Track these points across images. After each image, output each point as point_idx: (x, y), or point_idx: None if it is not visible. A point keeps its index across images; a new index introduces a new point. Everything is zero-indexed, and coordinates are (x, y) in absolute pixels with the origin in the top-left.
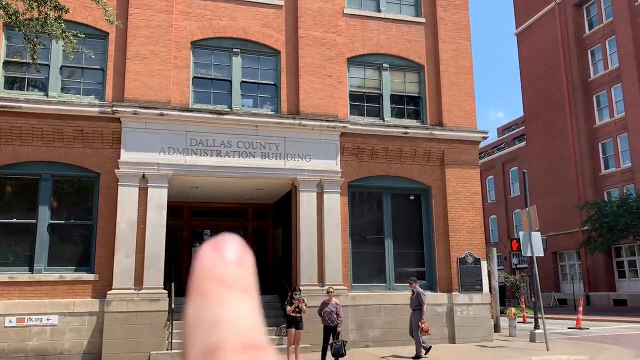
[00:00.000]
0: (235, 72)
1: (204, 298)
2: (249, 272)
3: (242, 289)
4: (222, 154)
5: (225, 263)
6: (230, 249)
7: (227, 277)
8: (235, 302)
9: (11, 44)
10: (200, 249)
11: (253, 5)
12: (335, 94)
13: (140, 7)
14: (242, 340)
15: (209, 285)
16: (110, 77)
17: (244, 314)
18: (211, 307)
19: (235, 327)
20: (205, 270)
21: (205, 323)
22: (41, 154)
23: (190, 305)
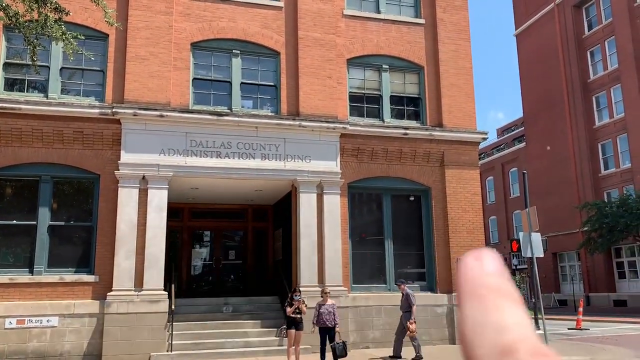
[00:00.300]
0: (235, 73)
1: (482, 302)
2: (510, 284)
3: (512, 298)
4: (222, 156)
5: (489, 274)
6: (492, 262)
7: (498, 286)
8: (512, 310)
9: (11, 45)
10: (464, 259)
11: (253, 7)
12: (335, 95)
13: (140, 8)
14: (533, 346)
15: (483, 291)
16: (110, 79)
17: (522, 322)
18: (492, 312)
19: (522, 332)
20: (476, 278)
21: (490, 325)
22: (41, 155)
23: (469, 308)
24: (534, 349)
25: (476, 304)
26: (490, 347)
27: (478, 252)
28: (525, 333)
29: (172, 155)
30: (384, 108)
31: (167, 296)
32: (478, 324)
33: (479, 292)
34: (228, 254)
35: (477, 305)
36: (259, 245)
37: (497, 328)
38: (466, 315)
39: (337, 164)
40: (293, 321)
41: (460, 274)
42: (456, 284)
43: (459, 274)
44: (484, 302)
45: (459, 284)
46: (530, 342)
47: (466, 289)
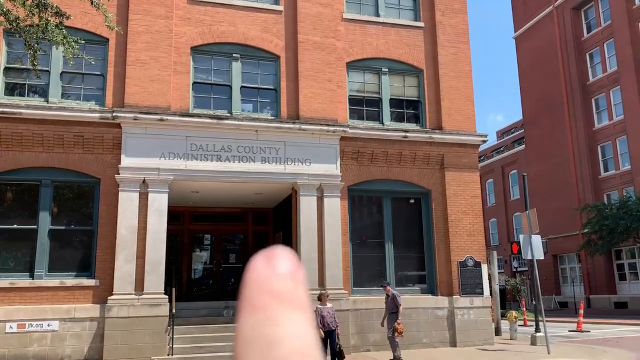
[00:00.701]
0: (235, 77)
1: (259, 313)
2: (302, 288)
3: (297, 306)
4: (222, 159)
5: (278, 277)
6: (283, 263)
7: (281, 292)
8: (291, 320)
9: (12, 50)
10: (252, 260)
11: (252, 11)
12: (334, 99)
13: (140, 13)
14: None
15: (263, 299)
16: (110, 83)
17: (301, 333)
18: (267, 324)
19: (294, 348)
20: (258, 284)
21: (262, 341)
22: (42, 159)
23: (244, 320)
24: None
25: (252, 315)
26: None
27: (269, 252)
28: (300, 348)
29: (172, 158)
30: (383, 111)
31: (168, 300)
32: (249, 339)
33: (259, 301)
34: (228, 257)
35: (253, 317)
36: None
37: (268, 344)
38: (239, 328)
39: (337, 167)
40: None
41: (246, 278)
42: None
43: (244, 277)
44: (261, 313)
45: (242, 290)
46: (303, 354)
47: (246, 296)
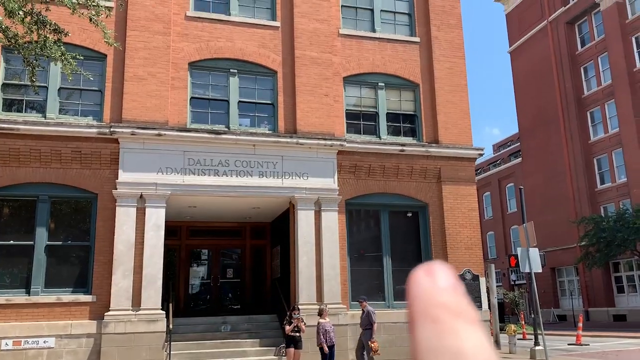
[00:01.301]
0: (233, 92)
1: (436, 325)
2: (467, 301)
3: (471, 319)
4: (219, 174)
5: (444, 290)
6: (445, 276)
7: (453, 305)
8: (469, 333)
9: (10, 66)
10: (414, 274)
11: (250, 27)
12: (332, 113)
13: (138, 29)
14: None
15: (437, 312)
16: (108, 99)
17: (483, 346)
18: (449, 336)
19: (481, 358)
20: (427, 297)
21: (446, 353)
22: (39, 175)
23: (423, 331)
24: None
25: (430, 327)
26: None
27: (429, 266)
28: (485, 357)
29: (169, 173)
30: (380, 125)
31: (165, 315)
32: (432, 349)
33: (433, 313)
34: (226, 272)
35: (431, 328)
36: (257, 263)
37: (454, 354)
38: (419, 339)
39: (335, 180)
40: (292, 340)
41: (410, 292)
42: (407, 303)
43: (409, 291)
44: (439, 325)
45: (410, 303)
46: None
47: (418, 309)
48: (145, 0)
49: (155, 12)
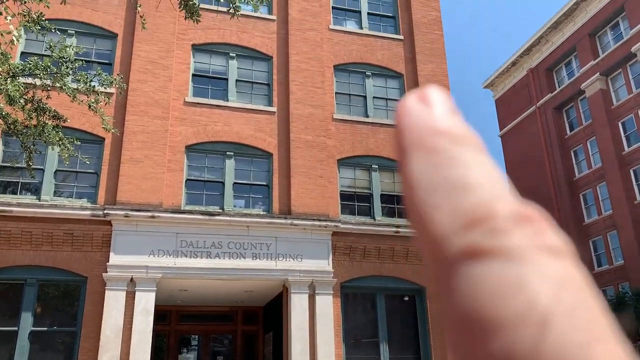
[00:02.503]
0: (228, 174)
1: (433, 155)
2: (467, 125)
3: (475, 145)
4: (212, 256)
5: (443, 116)
6: (442, 101)
7: (454, 131)
8: (475, 161)
9: (8, 149)
10: (403, 102)
11: (247, 112)
12: (326, 194)
13: (137, 114)
14: (511, 207)
15: (434, 140)
16: (103, 181)
17: (493, 175)
18: (450, 166)
19: (493, 190)
20: (422, 124)
21: (448, 186)
22: (28, 258)
23: (416, 163)
24: (513, 212)
25: (426, 157)
26: (452, 215)
27: (422, 91)
28: (499, 191)
29: (161, 256)
30: (374, 206)
31: None
32: (430, 184)
33: (429, 142)
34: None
35: (427, 159)
36: (249, 350)
37: (459, 187)
38: (412, 173)
39: (329, 262)
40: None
41: (400, 122)
42: (395, 136)
43: (398, 122)
44: (437, 154)
45: (399, 136)
46: (507, 201)
47: (411, 139)
48: (146, 87)
49: (154, 97)
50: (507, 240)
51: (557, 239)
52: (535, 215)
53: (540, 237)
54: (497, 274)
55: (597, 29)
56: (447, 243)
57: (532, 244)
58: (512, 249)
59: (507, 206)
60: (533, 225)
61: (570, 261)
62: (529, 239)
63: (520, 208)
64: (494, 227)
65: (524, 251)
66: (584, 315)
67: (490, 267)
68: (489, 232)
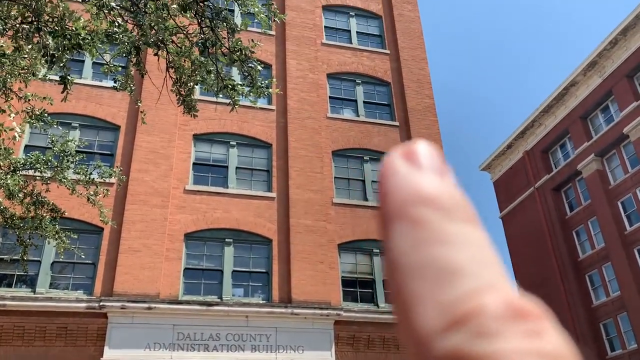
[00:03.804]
0: (227, 261)
1: (418, 228)
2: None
3: (466, 218)
4: (209, 348)
5: (431, 179)
6: (430, 160)
7: (441, 198)
8: (465, 238)
9: (5, 241)
10: (388, 161)
11: (246, 198)
12: (327, 280)
13: (137, 203)
14: (505, 299)
15: (419, 210)
16: (101, 271)
17: (484, 256)
18: (434, 244)
19: (482, 277)
20: (406, 188)
21: (433, 268)
22: (19, 355)
23: (397, 239)
24: (505, 306)
25: (409, 231)
26: (437, 309)
27: (408, 147)
28: (491, 280)
29: (157, 349)
30: (377, 292)
31: None
32: (415, 265)
33: (413, 212)
34: None
35: (411, 233)
36: None
37: (446, 272)
38: (395, 249)
39: (332, 354)
40: None
41: (382, 184)
42: (378, 199)
43: (382, 181)
44: (422, 228)
45: (381, 201)
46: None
47: (392, 208)
48: (146, 176)
49: (155, 186)
50: (496, 345)
51: (558, 342)
52: (532, 309)
53: (537, 339)
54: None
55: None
56: (430, 344)
57: (526, 350)
58: (500, 356)
59: (498, 298)
60: (529, 323)
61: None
62: (523, 342)
63: (514, 300)
64: (481, 327)
65: (515, 358)
66: None
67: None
68: (475, 334)
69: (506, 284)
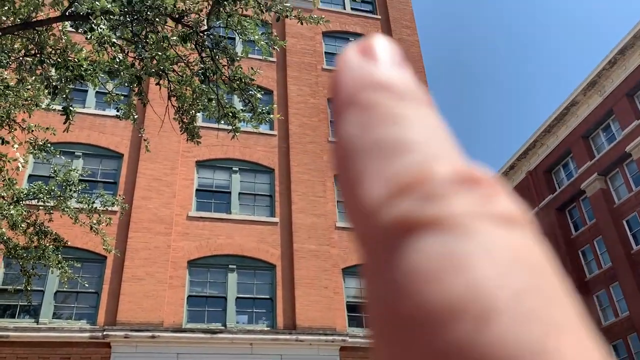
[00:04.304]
0: (231, 288)
1: (367, 111)
2: (413, 77)
3: (420, 101)
4: None
5: (384, 66)
6: (386, 50)
7: (393, 82)
8: (417, 117)
9: (9, 271)
10: (343, 55)
11: (249, 224)
12: (332, 306)
13: (141, 230)
14: (453, 168)
15: (370, 95)
16: (104, 300)
17: (436, 132)
18: (383, 124)
19: (431, 149)
20: (359, 77)
21: (381, 145)
22: None
23: (346, 123)
24: (455, 173)
25: (359, 115)
26: (383, 181)
27: (365, 41)
28: (441, 150)
29: None
30: None
31: None
32: (363, 145)
33: (364, 97)
34: None
35: (361, 117)
36: None
37: (393, 148)
38: (344, 133)
39: None
40: None
41: (337, 76)
42: (331, 94)
43: (336, 76)
44: (372, 110)
45: (335, 92)
46: (448, 161)
47: (345, 96)
48: (150, 204)
49: (158, 214)
50: (446, 208)
51: (510, 205)
52: (483, 177)
53: (488, 202)
54: (432, 251)
55: (590, 131)
56: (376, 214)
57: (477, 212)
58: (451, 218)
59: (448, 167)
60: (480, 188)
61: (525, 232)
62: (474, 205)
63: (464, 168)
64: (429, 192)
65: (466, 220)
66: (538, 302)
67: (424, 242)
68: (424, 199)
69: (457, 155)
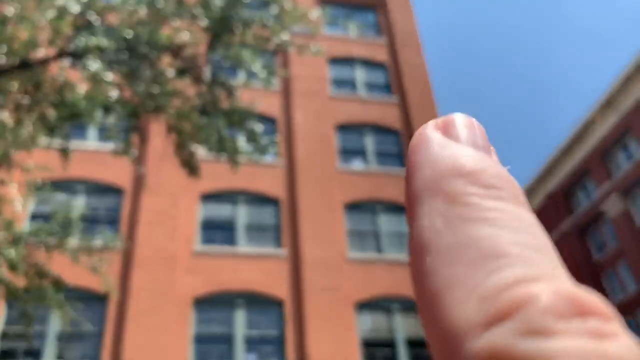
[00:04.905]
0: (238, 325)
1: (453, 204)
2: (503, 167)
3: (513, 197)
4: None
5: (470, 149)
6: (469, 129)
7: (482, 170)
8: (511, 216)
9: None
10: (419, 132)
11: (257, 258)
12: (345, 342)
13: (143, 267)
14: (560, 291)
15: (455, 184)
16: (108, 341)
17: (536, 242)
18: (474, 221)
19: (532, 265)
20: (440, 162)
21: (471, 249)
22: None
23: (427, 215)
24: (562, 298)
25: (443, 207)
26: (473, 299)
27: (444, 118)
28: (541, 262)
29: None
30: (399, 354)
31: None
32: (448, 246)
33: (449, 186)
34: None
35: (446, 210)
36: None
37: (486, 255)
38: (424, 228)
39: None
40: None
41: (413, 156)
42: (406, 177)
43: (411, 155)
44: (459, 204)
45: (411, 175)
46: (554, 281)
47: (424, 181)
48: (152, 239)
49: (161, 249)
50: (545, 346)
51: (630, 346)
52: (594, 304)
53: (600, 343)
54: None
55: (608, 150)
56: (465, 341)
57: (590, 353)
58: (552, 357)
59: (551, 288)
60: (589, 320)
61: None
62: (581, 345)
63: (570, 291)
64: (529, 323)
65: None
66: None
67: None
68: (522, 331)
69: (559, 270)
